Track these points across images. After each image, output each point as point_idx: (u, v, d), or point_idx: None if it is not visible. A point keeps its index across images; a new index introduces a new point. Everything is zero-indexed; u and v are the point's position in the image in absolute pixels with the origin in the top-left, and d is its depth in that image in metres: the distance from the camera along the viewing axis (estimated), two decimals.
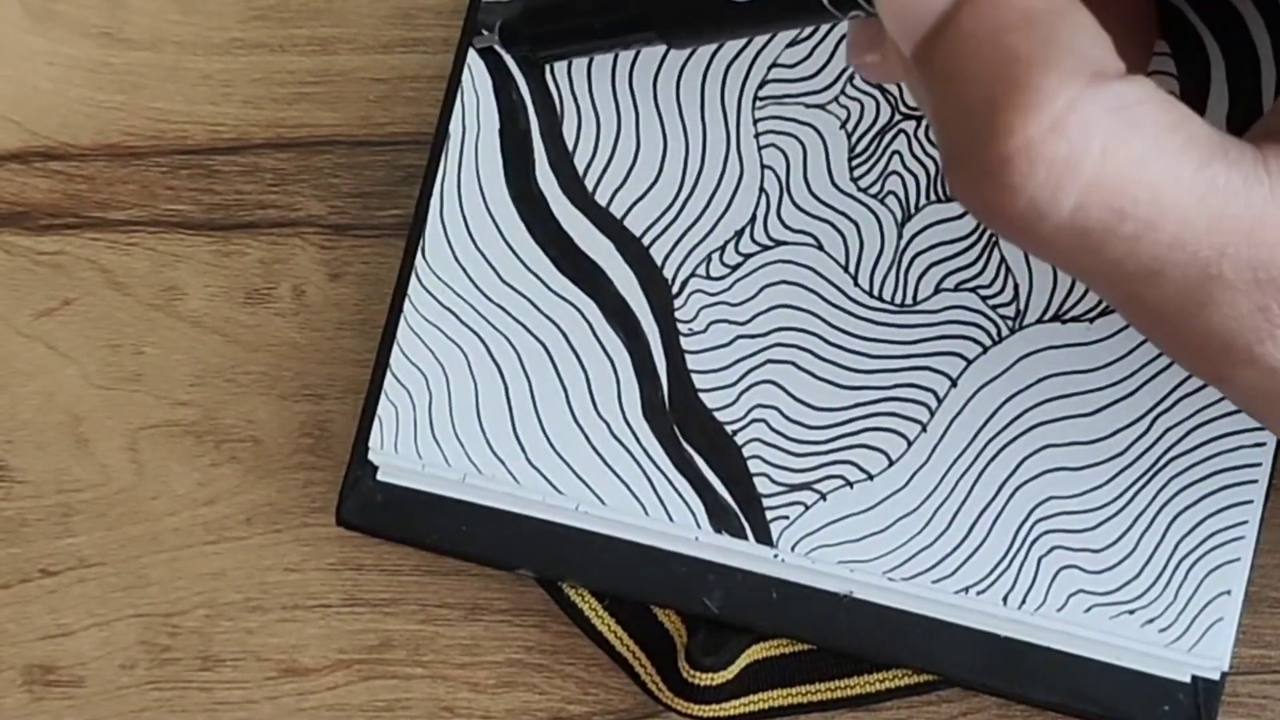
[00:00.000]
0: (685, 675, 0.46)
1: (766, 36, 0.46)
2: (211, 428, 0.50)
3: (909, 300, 0.46)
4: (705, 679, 0.46)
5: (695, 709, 0.47)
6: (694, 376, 0.46)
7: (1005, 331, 0.45)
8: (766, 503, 0.46)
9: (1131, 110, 0.31)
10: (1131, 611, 0.45)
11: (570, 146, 0.46)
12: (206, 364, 0.50)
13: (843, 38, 0.45)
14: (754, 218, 0.46)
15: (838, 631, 0.46)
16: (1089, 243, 0.32)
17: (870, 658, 0.47)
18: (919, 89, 0.34)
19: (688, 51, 0.46)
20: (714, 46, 0.46)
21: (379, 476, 0.47)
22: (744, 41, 0.46)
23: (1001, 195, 0.31)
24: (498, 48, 0.46)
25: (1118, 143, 0.31)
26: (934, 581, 0.45)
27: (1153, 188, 0.31)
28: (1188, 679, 0.45)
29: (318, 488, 0.50)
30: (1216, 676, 0.45)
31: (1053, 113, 0.31)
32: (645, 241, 0.46)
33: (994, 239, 0.45)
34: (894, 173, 0.46)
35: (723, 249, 0.46)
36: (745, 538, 0.46)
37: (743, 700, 0.47)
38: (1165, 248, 0.32)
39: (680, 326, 0.46)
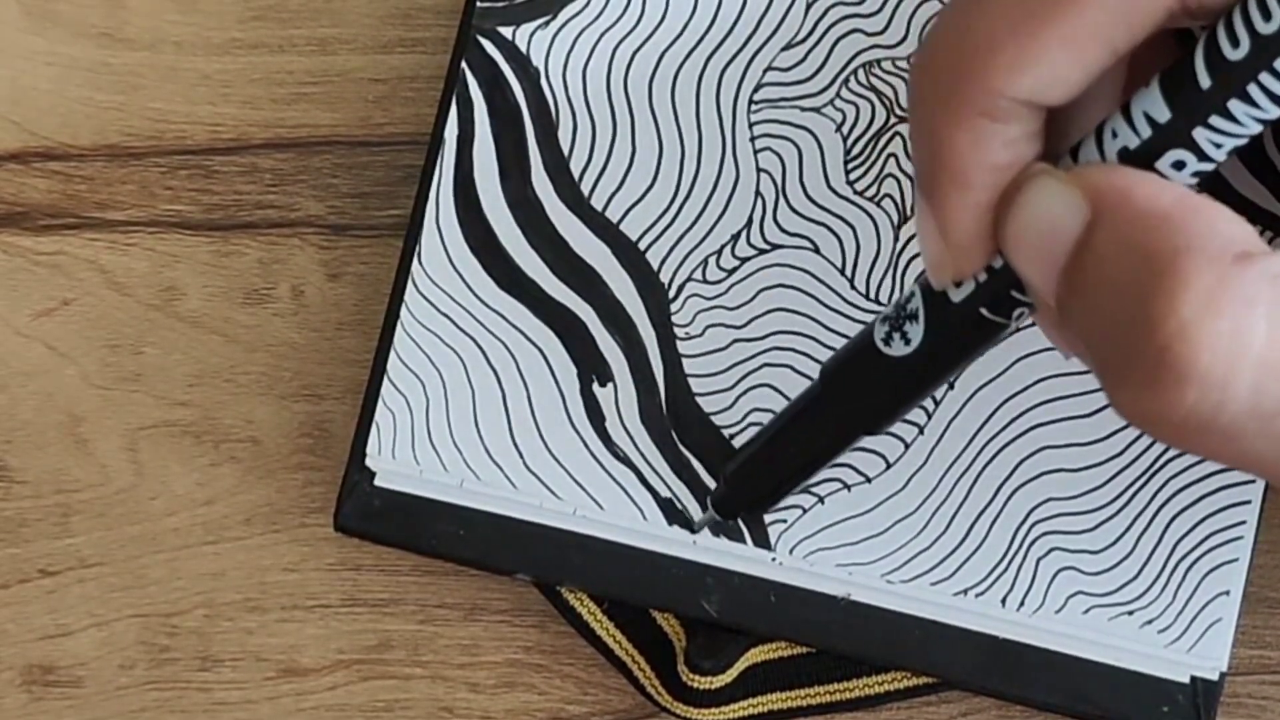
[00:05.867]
0: (684, 679, 0.46)
1: (762, 38, 0.46)
2: (210, 428, 0.50)
3: None
4: (704, 682, 0.46)
5: (695, 713, 0.47)
6: (691, 380, 0.46)
7: None
8: None
9: None
10: (1130, 612, 0.45)
11: (566, 151, 0.46)
12: (205, 364, 0.50)
13: (840, 39, 0.45)
14: (750, 221, 0.46)
15: (836, 634, 0.46)
16: (1276, 427, 0.30)
17: (869, 660, 0.47)
18: (1068, 328, 0.32)
19: (683, 55, 0.46)
20: (711, 46, 0.46)
21: (376, 482, 0.47)
22: (739, 45, 0.46)
23: (1169, 392, 0.29)
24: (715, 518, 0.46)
25: None
26: (932, 584, 0.45)
27: None
28: (1187, 680, 0.45)
29: (317, 488, 0.50)
30: (1215, 677, 0.45)
31: (1203, 288, 0.29)
32: (641, 246, 0.46)
33: None
34: (889, 175, 0.45)
35: (719, 253, 0.46)
36: (743, 541, 0.46)
37: (742, 704, 0.47)
38: None
39: (677, 331, 0.46)
